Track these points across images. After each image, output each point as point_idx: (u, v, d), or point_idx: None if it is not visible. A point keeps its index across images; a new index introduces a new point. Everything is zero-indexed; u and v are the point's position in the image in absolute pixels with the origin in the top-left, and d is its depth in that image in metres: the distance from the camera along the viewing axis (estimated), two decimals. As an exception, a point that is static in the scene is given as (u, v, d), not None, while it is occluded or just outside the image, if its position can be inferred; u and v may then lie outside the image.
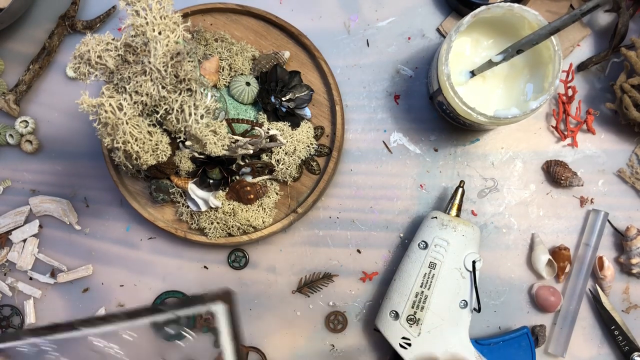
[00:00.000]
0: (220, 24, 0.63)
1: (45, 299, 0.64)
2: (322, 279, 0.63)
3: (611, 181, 0.62)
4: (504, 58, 0.54)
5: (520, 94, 0.57)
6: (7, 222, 0.64)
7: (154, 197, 0.60)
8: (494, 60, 0.54)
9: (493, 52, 0.56)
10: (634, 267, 0.60)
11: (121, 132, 0.47)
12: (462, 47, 0.58)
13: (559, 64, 0.53)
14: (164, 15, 0.46)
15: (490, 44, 0.58)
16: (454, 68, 0.56)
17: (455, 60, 0.57)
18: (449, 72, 0.53)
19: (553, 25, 0.50)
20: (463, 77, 0.57)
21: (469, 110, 0.53)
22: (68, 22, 0.64)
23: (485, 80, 0.58)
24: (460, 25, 0.53)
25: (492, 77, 0.58)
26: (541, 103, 0.53)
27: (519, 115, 0.53)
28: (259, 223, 0.60)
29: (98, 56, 0.47)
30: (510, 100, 0.57)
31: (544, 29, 0.51)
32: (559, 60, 0.53)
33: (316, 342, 0.63)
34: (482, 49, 0.58)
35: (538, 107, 0.53)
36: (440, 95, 0.56)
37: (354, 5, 0.64)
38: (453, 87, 0.53)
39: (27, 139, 0.64)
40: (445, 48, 0.53)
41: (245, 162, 0.59)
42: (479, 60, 0.56)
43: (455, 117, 0.56)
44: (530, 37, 0.51)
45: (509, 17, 0.54)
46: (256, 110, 0.61)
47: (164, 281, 0.63)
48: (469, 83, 0.57)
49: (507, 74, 0.58)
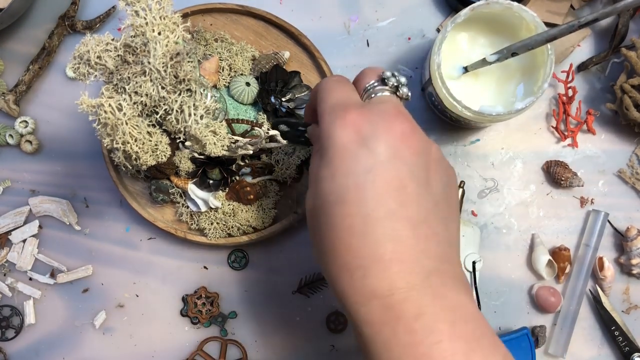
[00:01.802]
0: (220, 24, 0.63)
1: (45, 299, 0.64)
2: (322, 279, 0.63)
3: (611, 182, 0.62)
4: (498, 58, 0.54)
5: (510, 95, 0.57)
6: (6, 223, 0.64)
7: (154, 197, 0.60)
8: (488, 60, 0.54)
9: (489, 51, 0.56)
10: (634, 268, 0.60)
11: (121, 132, 0.47)
12: (459, 42, 0.58)
13: (550, 69, 0.53)
14: (163, 16, 0.46)
15: (487, 41, 0.58)
16: (448, 61, 0.56)
17: (451, 54, 0.57)
18: (440, 62, 0.53)
19: (550, 33, 0.50)
20: (456, 71, 0.57)
21: (454, 103, 0.53)
22: (68, 22, 0.64)
23: (478, 78, 0.58)
24: (457, 17, 0.53)
25: (485, 75, 0.58)
26: (526, 105, 0.53)
27: (503, 114, 0.53)
28: (259, 223, 0.60)
29: (98, 56, 0.47)
30: (501, 100, 0.57)
31: (540, 36, 0.51)
32: (551, 65, 0.53)
33: (316, 343, 0.63)
34: (479, 46, 0.58)
35: (523, 109, 0.53)
36: (430, 85, 0.56)
37: (354, 5, 0.64)
38: (442, 77, 0.53)
39: (27, 139, 0.64)
40: (440, 38, 0.53)
41: (245, 163, 0.59)
42: (475, 57, 0.56)
43: (443, 109, 0.57)
44: (526, 41, 0.51)
45: (507, 15, 0.54)
46: (256, 111, 0.61)
47: (164, 281, 0.63)
48: (462, 79, 0.57)
49: (500, 74, 0.58)
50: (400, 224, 0.36)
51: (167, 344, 0.63)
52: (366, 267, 0.36)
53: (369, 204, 0.36)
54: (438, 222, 0.38)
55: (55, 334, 0.64)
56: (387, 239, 0.36)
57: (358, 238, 0.36)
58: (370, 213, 0.36)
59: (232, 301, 0.63)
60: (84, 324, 0.64)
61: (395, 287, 0.36)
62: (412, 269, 0.36)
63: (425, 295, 0.36)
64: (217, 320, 0.63)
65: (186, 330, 0.63)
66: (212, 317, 0.62)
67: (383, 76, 0.42)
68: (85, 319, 0.64)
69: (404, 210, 0.37)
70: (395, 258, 0.36)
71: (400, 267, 0.36)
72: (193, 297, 0.63)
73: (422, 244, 0.37)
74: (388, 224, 0.36)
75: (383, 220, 0.36)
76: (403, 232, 0.36)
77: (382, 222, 0.36)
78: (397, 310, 0.35)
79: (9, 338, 0.63)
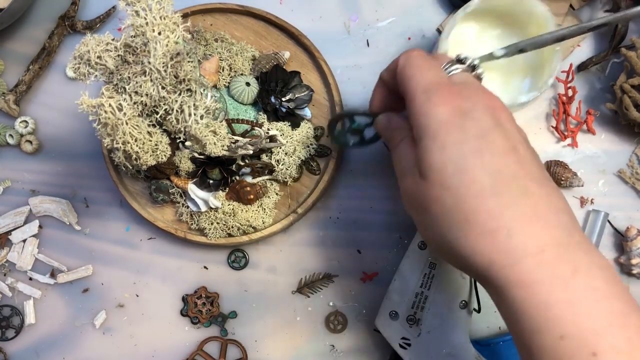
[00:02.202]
0: (220, 24, 0.63)
1: (45, 299, 0.64)
2: (322, 279, 0.63)
3: (611, 182, 0.62)
4: (505, 54, 0.53)
5: (515, 90, 0.57)
6: (7, 223, 0.64)
7: (154, 197, 0.60)
8: (495, 54, 0.54)
9: (496, 44, 0.55)
10: (634, 268, 0.60)
11: (121, 132, 0.47)
12: (466, 33, 0.57)
13: (557, 63, 0.53)
14: (163, 16, 0.46)
15: (496, 34, 0.57)
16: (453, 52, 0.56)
17: (457, 45, 0.56)
18: (447, 49, 0.53)
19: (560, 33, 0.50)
20: None
21: None
22: (68, 22, 0.64)
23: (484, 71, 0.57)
24: (467, 7, 0.53)
25: (491, 69, 0.57)
26: (530, 99, 0.53)
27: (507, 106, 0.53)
28: (259, 223, 0.60)
29: (98, 56, 0.47)
30: (506, 94, 0.57)
31: (550, 35, 0.51)
32: (557, 60, 0.53)
33: (316, 343, 0.63)
34: (488, 39, 0.57)
35: (526, 102, 0.53)
36: None
37: (354, 5, 0.64)
38: None
39: (27, 139, 0.64)
40: (450, 25, 0.53)
41: (245, 163, 0.59)
42: (481, 50, 0.56)
43: None
44: (535, 39, 0.51)
45: (518, 9, 0.54)
46: (256, 111, 0.61)
47: (164, 281, 0.63)
48: None
49: (506, 67, 0.57)
50: (527, 181, 0.37)
51: (167, 344, 0.63)
52: (509, 226, 0.35)
53: (493, 166, 0.36)
54: (550, 181, 0.39)
55: (55, 334, 0.64)
56: (522, 196, 0.36)
57: (493, 199, 0.36)
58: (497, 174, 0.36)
59: (232, 301, 0.63)
60: (84, 324, 0.64)
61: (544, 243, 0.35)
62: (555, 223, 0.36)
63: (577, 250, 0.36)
64: (217, 320, 0.63)
65: (186, 330, 0.63)
66: (212, 317, 0.63)
67: (460, 57, 0.43)
68: (85, 319, 0.64)
69: (523, 169, 0.37)
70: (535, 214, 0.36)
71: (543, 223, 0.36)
72: (193, 297, 0.63)
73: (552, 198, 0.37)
74: (517, 182, 0.36)
75: (511, 179, 0.36)
76: (533, 189, 0.36)
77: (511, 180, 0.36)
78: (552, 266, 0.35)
79: (9, 338, 0.63)
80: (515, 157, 0.37)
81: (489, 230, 0.36)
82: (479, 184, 0.36)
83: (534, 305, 0.34)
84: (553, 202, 0.37)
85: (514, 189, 0.36)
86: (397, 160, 0.42)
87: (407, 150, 0.41)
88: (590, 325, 0.33)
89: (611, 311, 0.34)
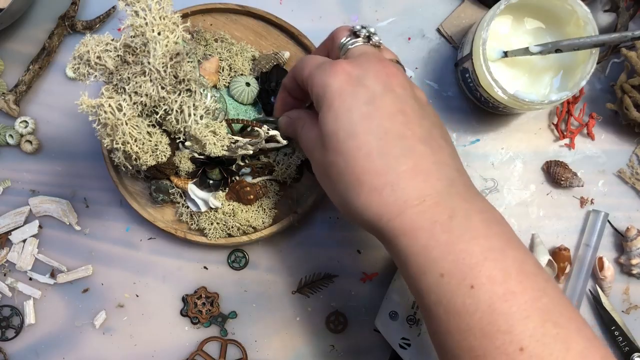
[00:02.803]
0: (220, 24, 0.63)
1: (45, 299, 0.64)
2: (322, 279, 0.63)
3: (611, 182, 0.62)
4: (541, 51, 0.53)
5: (544, 86, 0.57)
6: (6, 223, 0.64)
7: (154, 197, 0.60)
8: (531, 50, 0.54)
9: (530, 39, 0.55)
10: (634, 268, 0.60)
11: (120, 132, 0.47)
12: (500, 25, 0.57)
13: (591, 68, 0.53)
14: (163, 16, 0.46)
15: (532, 29, 0.57)
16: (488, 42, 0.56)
17: (491, 35, 0.56)
18: (487, 39, 0.53)
19: (600, 38, 0.50)
20: (495, 54, 0.56)
21: (491, 82, 0.52)
22: (68, 23, 0.64)
23: (514, 65, 0.57)
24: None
25: (521, 64, 0.57)
26: (561, 98, 0.53)
27: (536, 102, 0.53)
28: (258, 223, 0.60)
29: (97, 57, 0.47)
30: (532, 90, 0.57)
31: (590, 39, 0.50)
32: (592, 63, 0.53)
33: (316, 343, 0.63)
34: (523, 32, 0.57)
35: (557, 101, 0.53)
36: (468, 61, 0.55)
37: (354, 5, 0.64)
38: (485, 54, 0.52)
39: (27, 139, 0.64)
40: (491, 15, 0.53)
41: (245, 163, 0.59)
42: (514, 43, 0.55)
43: (475, 87, 0.56)
44: (574, 41, 0.51)
45: (559, 6, 0.54)
46: (256, 111, 0.61)
47: (164, 281, 0.63)
48: (497, 63, 0.57)
49: (537, 64, 0.57)
50: (412, 141, 0.40)
51: (167, 344, 0.63)
52: (393, 182, 0.39)
53: (380, 129, 0.40)
54: (440, 138, 0.42)
55: (55, 334, 0.64)
56: (406, 155, 0.40)
57: (379, 160, 0.39)
58: (383, 136, 0.40)
59: (232, 301, 0.63)
60: (84, 324, 0.64)
61: (425, 194, 0.39)
62: (436, 176, 0.40)
63: (455, 198, 0.39)
64: (217, 320, 0.63)
65: (186, 330, 0.63)
66: (212, 317, 0.63)
67: (354, 29, 0.46)
68: (85, 319, 0.64)
69: (410, 129, 0.40)
70: (418, 169, 0.39)
71: (425, 177, 0.39)
72: (193, 297, 0.63)
73: (437, 155, 0.41)
74: (402, 142, 0.40)
75: (396, 140, 0.40)
76: (417, 147, 0.40)
77: (396, 141, 0.40)
78: (431, 213, 0.38)
79: (9, 338, 0.63)
80: (403, 118, 0.40)
81: (376, 187, 0.39)
82: (367, 146, 0.40)
83: (417, 250, 0.38)
84: (437, 158, 0.40)
85: (399, 149, 0.40)
86: (304, 142, 0.46)
87: (310, 130, 0.45)
88: (468, 262, 0.37)
89: (488, 247, 0.37)
